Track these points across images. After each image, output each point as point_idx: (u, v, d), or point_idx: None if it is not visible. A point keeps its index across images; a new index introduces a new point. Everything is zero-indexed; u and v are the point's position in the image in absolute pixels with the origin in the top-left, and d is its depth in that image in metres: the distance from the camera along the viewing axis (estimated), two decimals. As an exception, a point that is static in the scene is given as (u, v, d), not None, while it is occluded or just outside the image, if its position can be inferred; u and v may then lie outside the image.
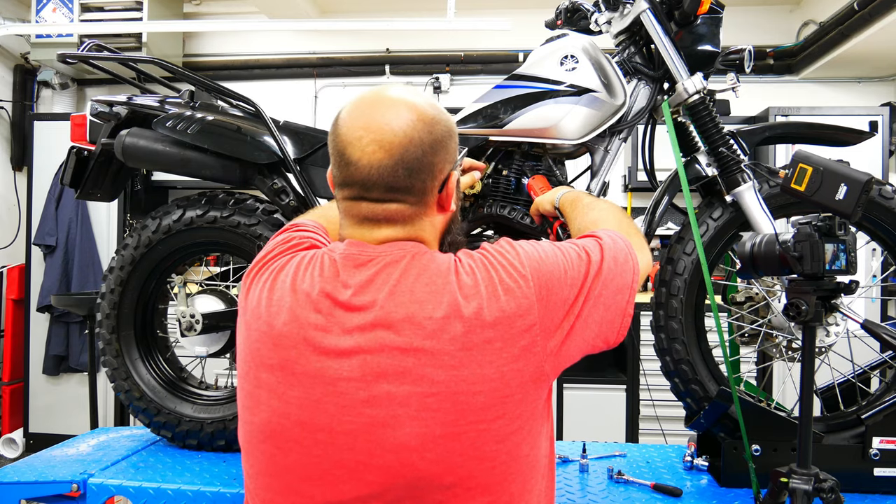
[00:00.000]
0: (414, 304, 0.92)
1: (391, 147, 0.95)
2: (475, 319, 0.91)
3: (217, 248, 1.94)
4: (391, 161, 0.96)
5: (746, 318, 1.74)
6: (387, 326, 0.92)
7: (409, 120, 0.97)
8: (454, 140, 1.03)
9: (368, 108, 0.99)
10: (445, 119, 1.02)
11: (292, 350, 0.95)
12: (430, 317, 0.91)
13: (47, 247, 4.51)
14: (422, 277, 0.95)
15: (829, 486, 1.21)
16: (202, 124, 1.75)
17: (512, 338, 0.92)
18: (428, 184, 0.99)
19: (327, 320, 0.94)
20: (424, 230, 1.02)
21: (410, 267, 0.96)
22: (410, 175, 0.97)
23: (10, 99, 5.05)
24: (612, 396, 4.03)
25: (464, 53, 4.87)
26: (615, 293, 1.03)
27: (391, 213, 0.99)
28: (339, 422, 0.91)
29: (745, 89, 1.69)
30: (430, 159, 0.98)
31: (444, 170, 1.01)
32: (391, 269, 0.96)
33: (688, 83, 1.62)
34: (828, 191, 1.21)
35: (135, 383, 1.89)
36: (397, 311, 0.92)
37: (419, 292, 0.93)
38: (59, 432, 4.17)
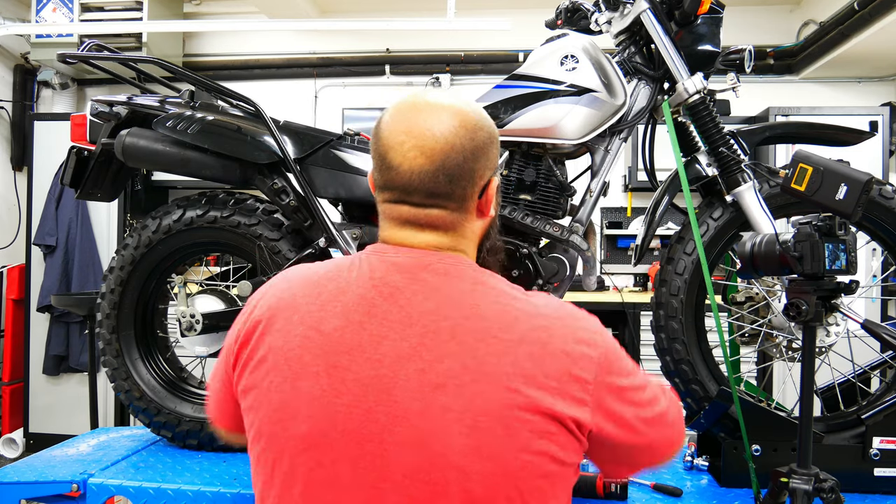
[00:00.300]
0: (482, 321, 0.91)
1: (432, 153, 0.95)
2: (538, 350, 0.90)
3: (217, 248, 1.94)
4: (432, 167, 0.95)
5: (746, 318, 1.74)
6: (450, 338, 0.90)
7: (450, 126, 0.96)
8: (496, 146, 1.02)
9: (411, 113, 0.98)
10: (488, 125, 1.01)
11: (344, 356, 0.91)
12: (497, 337, 0.90)
13: (47, 247, 4.51)
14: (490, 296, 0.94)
15: (829, 486, 1.21)
16: (202, 124, 1.75)
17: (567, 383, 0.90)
18: (468, 190, 0.98)
19: (388, 326, 0.92)
20: (466, 237, 1.02)
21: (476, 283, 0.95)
22: (451, 181, 0.96)
23: (10, 99, 5.05)
24: (612, 396, 4.03)
25: (464, 53, 4.87)
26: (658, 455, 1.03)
27: (433, 218, 0.99)
28: (391, 432, 0.88)
29: (745, 89, 1.69)
30: (471, 165, 0.97)
31: (485, 176, 1.00)
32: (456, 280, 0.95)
33: (688, 83, 1.62)
34: (828, 191, 1.21)
35: (135, 383, 1.89)
36: (464, 324, 0.90)
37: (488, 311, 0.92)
38: (59, 432, 4.17)
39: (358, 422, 0.89)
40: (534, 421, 0.88)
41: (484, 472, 0.87)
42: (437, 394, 0.87)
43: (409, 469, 0.87)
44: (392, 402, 0.88)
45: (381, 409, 0.88)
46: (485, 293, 0.94)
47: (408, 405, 0.88)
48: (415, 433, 0.87)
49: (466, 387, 0.87)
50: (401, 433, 0.88)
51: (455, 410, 0.87)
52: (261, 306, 1.01)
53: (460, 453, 0.86)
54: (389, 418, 0.88)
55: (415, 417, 0.87)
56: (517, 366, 0.88)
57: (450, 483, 0.87)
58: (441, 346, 0.89)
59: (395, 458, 0.88)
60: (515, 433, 0.87)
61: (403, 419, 0.88)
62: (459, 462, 0.86)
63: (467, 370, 0.88)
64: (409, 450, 0.87)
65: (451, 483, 0.87)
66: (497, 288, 0.96)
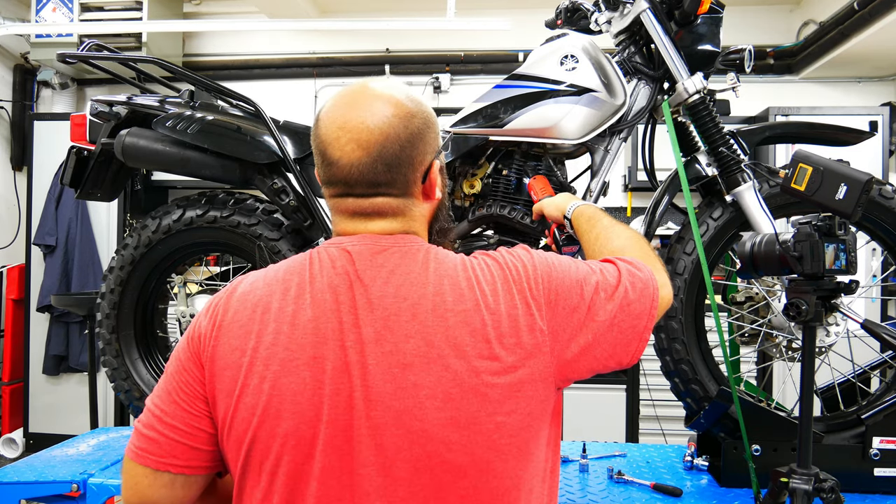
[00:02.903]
0: (437, 296, 0.94)
1: (368, 145, 0.97)
2: (492, 314, 0.94)
3: (217, 248, 1.94)
4: (369, 158, 0.97)
5: (746, 318, 1.74)
6: (411, 318, 0.93)
7: (384, 116, 0.98)
8: (433, 130, 1.04)
9: (345, 107, 1.00)
10: (422, 111, 1.02)
11: (321, 346, 0.93)
12: (453, 310, 0.93)
13: (47, 247, 4.51)
14: (440, 271, 0.96)
15: (829, 486, 1.21)
16: (202, 124, 1.75)
17: (522, 335, 0.94)
18: (409, 176, 1.00)
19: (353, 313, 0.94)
20: (415, 219, 1.04)
21: (428, 261, 0.98)
22: (390, 170, 0.98)
23: (10, 99, 5.05)
24: (612, 396, 4.03)
25: (464, 53, 4.87)
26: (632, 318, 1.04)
27: (378, 206, 1.01)
28: (368, 417, 0.90)
29: (745, 89, 1.69)
30: (409, 153, 0.99)
31: (425, 161, 1.02)
32: (410, 261, 0.97)
33: (688, 83, 1.62)
34: (828, 191, 1.21)
35: (135, 383, 1.89)
36: (422, 303, 0.93)
37: (441, 286, 0.95)
38: (59, 432, 4.17)
39: (340, 409, 0.91)
40: (502, 383, 0.91)
41: (463, 441, 0.90)
42: (406, 373, 0.90)
43: (391, 449, 0.90)
44: (366, 387, 0.91)
45: (357, 394, 0.91)
46: (437, 269, 0.97)
47: (381, 388, 0.90)
48: (391, 414, 0.90)
49: (434, 362, 0.90)
50: (378, 416, 0.90)
51: (426, 386, 0.90)
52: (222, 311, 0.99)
53: (437, 426, 0.90)
54: (366, 402, 0.90)
55: (389, 398, 0.90)
56: (476, 333, 0.92)
57: (431, 457, 0.90)
58: (403, 327, 0.92)
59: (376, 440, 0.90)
60: (486, 398, 0.91)
61: (378, 402, 0.90)
62: (437, 435, 0.90)
63: (432, 346, 0.91)
64: (388, 431, 0.90)
65: (433, 457, 0.90)
66: (446, 262, 0.98)
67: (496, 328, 0.93)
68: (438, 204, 1.08)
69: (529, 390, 0.94)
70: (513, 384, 0.93)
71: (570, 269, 1.02)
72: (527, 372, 0.94)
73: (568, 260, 1.04)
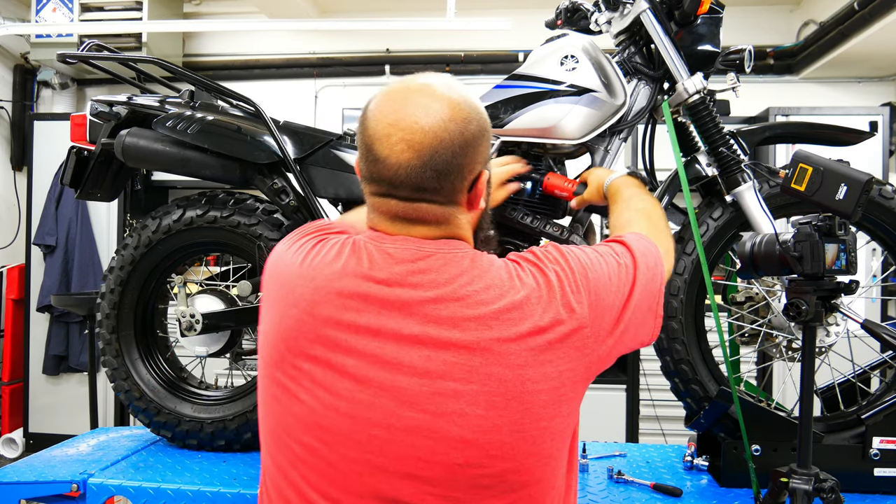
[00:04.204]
0: (480, 304, 0.92)
1: (420, 147, 0.92)
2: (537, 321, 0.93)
3: (217, 248, 1.94)
4: (420, 162, 0.92)
5: (746, 318, 1.74)
6: (453, 324, 0.91)
7: (440, 118, 0.93)
8: (486, 138, 0.99)
9: (399, 103, 0.94)
10: (479, 117, 0.98)
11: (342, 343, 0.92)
12: (498, 318, 0.91)
13: (47, 247, 4.51)
14: (485, 277, 0.94)
15: (829, 486, 1.21)
16: (202, 124, 1.75)
17: (567, 339, 0.94)
18: (457, 185, 0.96)
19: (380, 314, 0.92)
20: (460, 227, 1.00)
21: (472, 267, 0.95)
22: (439, 177, 0.93)
23: (10, 99, 5.05)
24: (612, 396, 4.03)
25: (464, 53, 4.87)
26: (648, 297, 1.06)
27: (422, 212, 0.96)
28: (399, 417, 0.89)
29: (745, 89, 1.69)
30: (461, 161, 0.94)
31: (475, 170, 0.98)
32: (451, 267, 0.95)
33: (688, 83, 1.62)
34: (828, 191, 1.21)
35: (135, 383, 1.89)
36: (463, 310, 0.91)
37: (483, 292, 0.93)
38: (59, 432, 4.17)
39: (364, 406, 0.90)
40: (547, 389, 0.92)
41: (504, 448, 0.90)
42: (444, 379, 0.89)
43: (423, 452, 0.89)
44: (398, 389, 0.89)
45: (386, 394, 0.89)
46: (480, 277, 0.94)
47: (416, 390, 0.89)
48: (427, 417, 0.89)
49: (480, 369, 0.89)
50: (410, 418, 0.89)
51: (468, 394, 0.89)
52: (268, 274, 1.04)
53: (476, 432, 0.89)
54: (397, 404, 0.89)
55: (425, 403, 0.89)
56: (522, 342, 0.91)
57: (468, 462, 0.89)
58: (444, 334, 0.90)
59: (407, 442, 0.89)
60: (530, 406, 0.90)
61: (412, 405, 0.89)
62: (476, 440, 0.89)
63: (474, 354, 0.89)
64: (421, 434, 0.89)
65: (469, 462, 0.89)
66: (491, 269, 0.96)
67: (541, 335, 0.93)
68: (482, 213, 1.06)
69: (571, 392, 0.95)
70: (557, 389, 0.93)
71: (601, 265, 1.02)
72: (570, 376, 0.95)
73: (594, 254, 1.04)
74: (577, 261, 1.00)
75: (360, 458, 0.91)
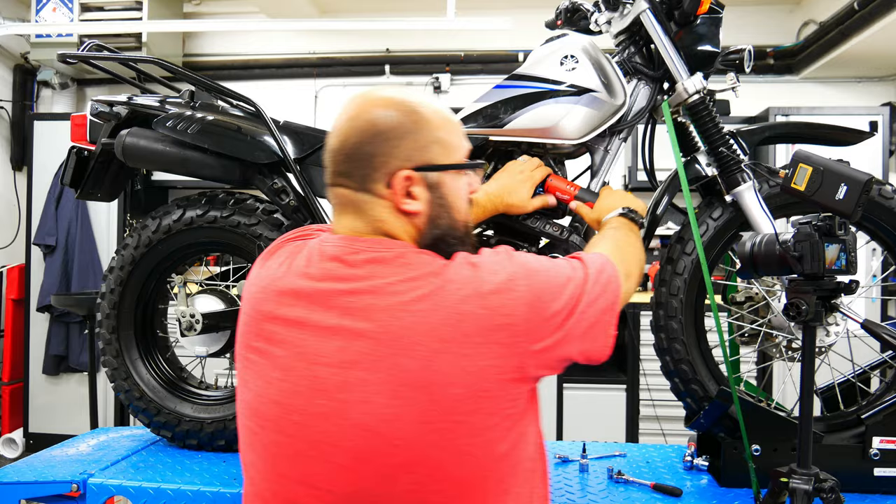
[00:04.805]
0: (392, 295, 0.96)
1: (339, 133, 1.04)
2: (454, 313, 0.94)
3: (217, 248, 1.94)
4: (338, 145, 1.04)
5: (746, 318, 1.74)
6: (365, 316, 0.95)
7: (359, 110, 1.03)
8: (408, 140, 1.02)
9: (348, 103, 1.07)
10: (403, 115, 1.02)
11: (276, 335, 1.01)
12: (407, 308, 0.94)
13: (47, 247, 4.51)
14: (406, 271, 0.98)
15: (829, 486, 1.21)
16: (202, 124, 1.75)
17: (491, 333, 0.94)
18: (368, 172, 1.02)
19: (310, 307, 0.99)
20: (385, 223, 1.03)
21: (394, 261, 0.99)
22: (348, 160, 1.03)
23: (10, 99, 5.05)
24: (612, 396, 4.03)
25: (464, 53, 4.87)
26: (597, 312, 1.04)
27: (339, 196, 1.05)
28: (314, 404, 0.95)
29: (745, 89, 1.69)
30: (369, 149, 1.01)
31: (389, 163, 1.01)
32: (375, 262, 0.99)
33: (688, 83, 1.62)
34: (828, 191, 1.21)
35: (135, 383, 1.89)
36: (376, 301, 0.96)
37: (399, 285, 0.96)
38: (59, 432, 4.17)
39: (287, 394, 0.98)
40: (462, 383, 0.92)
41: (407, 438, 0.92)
42: (354, 368, 0.94)
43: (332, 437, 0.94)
44: (314, 377, 0.96)
45: (304, 382, 0.97)
46: (401, 271, 0.98)
47: (328, 379, 0.95)
48: (335, 405, 0.94)
49: (385, 359, 0.93)
50: (322, 405, 0.95)
51: (373, 383, 0.93)
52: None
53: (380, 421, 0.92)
54: (312, 391, 0.96)
55: (335, 391, 0.95)
56: (433, 334, 0.93)
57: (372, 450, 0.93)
58: (357, 325, 0.95)
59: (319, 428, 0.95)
60: (439, 398, 0.92)
61: (324, 392, 0.95)
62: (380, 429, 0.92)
63: (382, 345, 0.93)
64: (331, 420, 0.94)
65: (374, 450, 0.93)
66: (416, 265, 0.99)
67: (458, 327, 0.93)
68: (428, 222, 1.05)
69: (496, 390, 0.94)
70: (475, 384, 0.93)
71: (546, 269, 1.03)
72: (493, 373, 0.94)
73: (545, 260, 1.05)
74: (522, 262, 1.01)
75: (283, 443, 0.98)
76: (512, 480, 0.99)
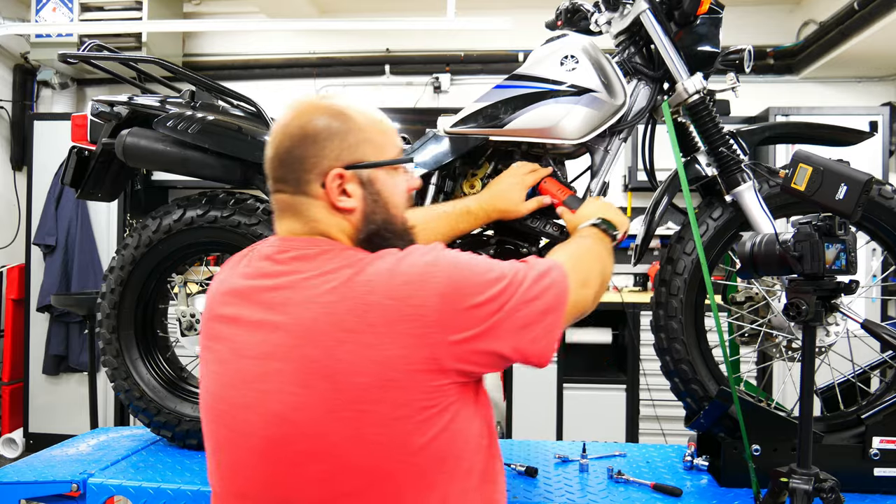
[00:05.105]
0: (307, 288, 0.99)
1: (273, 141, 1.08)
2: (360, 304, 0.95)
3: (217, 248, 1.94)
4: (271, 153, 1.08)
5: (746, 318, 1.74)
6: (282, 310, 1.00)
7: (290, 117, 1.08)
8: (338, 139, 1.05)
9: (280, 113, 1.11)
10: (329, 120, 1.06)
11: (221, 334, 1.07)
12: (317, 300, 0.98)
13: (47, 247, 4.51)
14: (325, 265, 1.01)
15: (829, 486, 1.21)
16: (203, 124, 1.75)
17: (398, 323, 0.94)
18: (301, 175, 1.05)
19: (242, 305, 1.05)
20: (320, 223, 1.07)
21: (317, 256, 1.03)
22: (282, 165, 1.07)
23: (10, 99, 5.05)
24: (612, 396, 4.03)
25: (464, 53, 4.87)
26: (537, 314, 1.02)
27: (279, 202, 1.09)
28: (241, 395, 1.01)
29: (745, 89, 1.69)
30: (301, 152, 1.05)
31: (320, 164, 1.05)
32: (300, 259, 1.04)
33: (688, 83, 1.62)
34: (828, 191, 1.21)
35: (135, 383, 1.89)
36: (292, 295, 1.00)
37: (315, 279, 1.00)
38: (59, 432, 4.17)
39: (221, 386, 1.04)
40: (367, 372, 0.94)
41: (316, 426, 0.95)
42: (270, 360, 0.99)
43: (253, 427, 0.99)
44: (241, 370, 1.02)
45: (236, 375, 1.02)
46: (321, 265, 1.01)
47: (250, 370, 1.00)
48: (254, 395, 0.99)
49: (294, 350, 0.97)
50: (244, 395, 1.00)
51: (286, 373, 0.96)
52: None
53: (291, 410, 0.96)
54: (239, 382, 1.02)
55: (255, 382, 1.00)
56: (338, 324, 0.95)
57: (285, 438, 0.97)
58: (275, 318, 1.00)
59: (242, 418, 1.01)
60: (344, 387, 0.94)
61: (245, 384, 1.01)
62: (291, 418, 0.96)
63: (293, 336, 0.97)
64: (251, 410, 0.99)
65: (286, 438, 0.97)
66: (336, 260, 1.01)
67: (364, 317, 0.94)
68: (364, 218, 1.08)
69: (405, 380, 0.94)
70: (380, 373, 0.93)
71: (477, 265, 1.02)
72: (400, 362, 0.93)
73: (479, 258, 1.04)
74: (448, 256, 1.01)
75: (222, 434, 1.05)
76: (439, 477, 0.98)
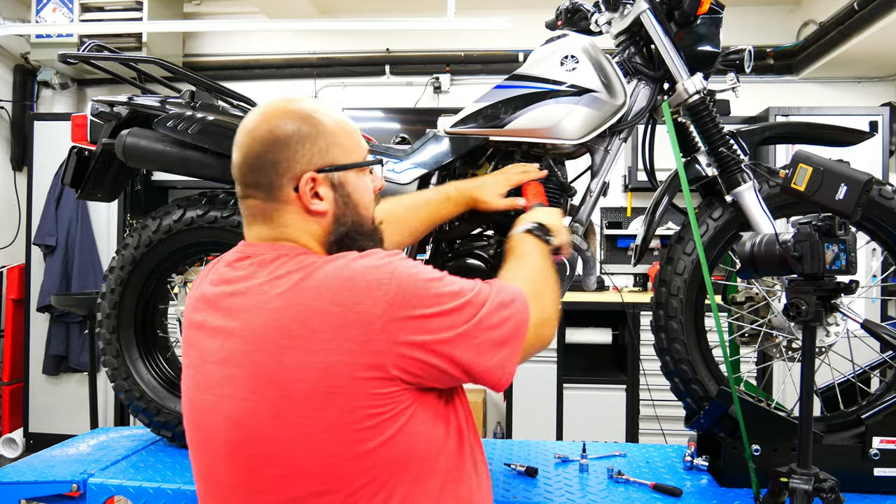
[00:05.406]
0: (259, 294, 1.00)
1: (240, 146, 1.07)
2: (304, 310, 0.95)
3: (217, 248, 1.93)
4: (240, 159, 1.07)
5: (746, 318, 1.74)
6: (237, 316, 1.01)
7: (257, 121, 1.07)
8: (309, 143, 1.05)
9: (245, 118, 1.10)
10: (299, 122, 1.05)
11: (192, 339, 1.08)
12: (265, 306, 0.98)
13: (47, 247, 4.51)
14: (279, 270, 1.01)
15: (829, 486, 1.21)
16: (203, 124, 1.75)
17: (342, 330, 0.93)
18: (274, 180, 1.05)
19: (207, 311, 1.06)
20: (290, 228, 1.06)
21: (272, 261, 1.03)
22: (253, 170, 1.05)
23: (10, 99, 5.05)
24: (612, 396, 4.04)
25: (464, 53, 4.87)
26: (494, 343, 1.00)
27: (249, 207, 1.08)
28: (204, 400, 1.04)
29: (745, 89, 1.69)
30: (272, 157, 1.04)
31: (292, 168, 1.04)
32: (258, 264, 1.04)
33: (688, 83, 1.62)
34: (828, 191, 1.21)
35: (135, 383, 1.89)
36: (246, 301, 1.00)
37: (267, 284, 1.00)
38: (59, 432, 4.17)
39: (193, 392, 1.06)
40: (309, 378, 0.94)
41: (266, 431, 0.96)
42: (226, 366, 1.00)
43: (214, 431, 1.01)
44: (205, 375, 1.04)
45: (202, 381, 1.04)
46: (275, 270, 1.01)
47: (211, 376, 1.02)
48: (215, 400, 1.01)
49: (246, 356, 0.98)
50: (207, 401, 1.03)
51: (239, 378, 0.98)
52: None
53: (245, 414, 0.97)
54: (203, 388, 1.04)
55: (215, 387, 1.01)
56: (283, 330, 0.95)
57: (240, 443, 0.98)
58: (230, 324, 1.01)
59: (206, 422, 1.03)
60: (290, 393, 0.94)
61: (208, 389, 1.03)
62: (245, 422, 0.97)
63: (245, 342, 0.98)
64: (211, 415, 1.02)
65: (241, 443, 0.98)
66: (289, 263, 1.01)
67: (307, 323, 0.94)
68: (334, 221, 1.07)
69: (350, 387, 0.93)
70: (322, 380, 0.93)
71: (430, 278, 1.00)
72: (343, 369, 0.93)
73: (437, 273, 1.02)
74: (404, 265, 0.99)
75: (192, 436, 1.08)
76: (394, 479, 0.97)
